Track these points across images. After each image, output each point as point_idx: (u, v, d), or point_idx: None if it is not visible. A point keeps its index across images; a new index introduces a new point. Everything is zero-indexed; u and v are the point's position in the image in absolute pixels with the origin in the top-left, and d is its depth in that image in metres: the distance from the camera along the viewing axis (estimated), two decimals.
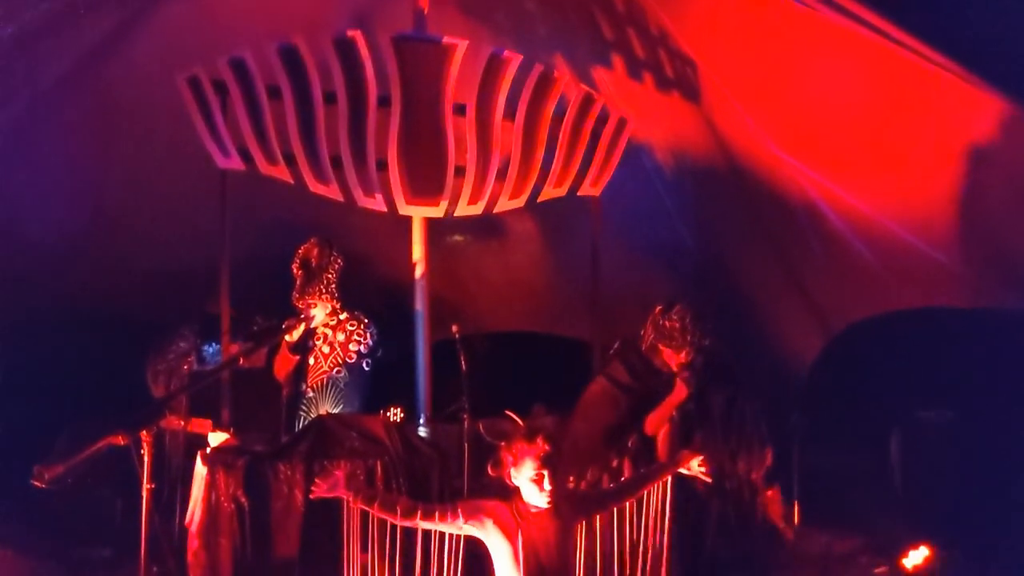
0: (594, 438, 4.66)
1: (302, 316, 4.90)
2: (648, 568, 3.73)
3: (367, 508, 3.00)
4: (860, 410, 5.80)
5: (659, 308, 4.67)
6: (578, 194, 5.49)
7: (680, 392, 4.58)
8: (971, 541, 4.63)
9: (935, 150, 4.78)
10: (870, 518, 5.12)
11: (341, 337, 5.01)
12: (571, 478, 4.39)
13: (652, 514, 3.62)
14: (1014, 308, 5.22)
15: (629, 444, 4.68)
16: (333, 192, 5.02)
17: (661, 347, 4.65)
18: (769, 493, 4.89)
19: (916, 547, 4.67)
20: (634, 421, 4.68)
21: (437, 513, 2.94)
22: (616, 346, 4.88)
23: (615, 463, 4.65)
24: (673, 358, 4.62)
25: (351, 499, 3.01)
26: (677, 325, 4.57)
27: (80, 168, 5.26)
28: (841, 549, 5.00)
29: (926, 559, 4.62)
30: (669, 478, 3.54)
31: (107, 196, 5.41)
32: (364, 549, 3.26)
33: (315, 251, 4.96)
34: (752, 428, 4.81)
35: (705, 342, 4.60)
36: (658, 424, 4.68)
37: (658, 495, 3.63)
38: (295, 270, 4.95)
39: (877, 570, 4.73)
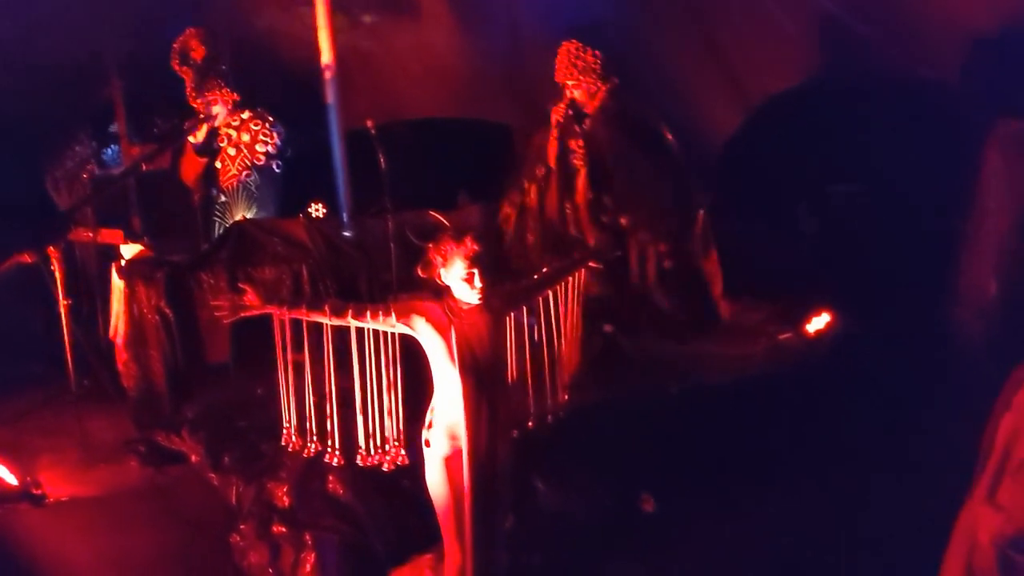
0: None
1: (202, 116, 4.63)
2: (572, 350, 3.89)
3: (296, 316, 2.99)
4: (773, 182, 5.93)
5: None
6: None
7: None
8: (871, 307, 4.95)
9: None
10: (779, 288, 5.39)
11: (246, 138, 4.76)
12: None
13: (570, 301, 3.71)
14: (925, 79, 5.29)
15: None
16: None
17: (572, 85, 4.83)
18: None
19: (818, 313, 5.00)
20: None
21: (368, 311, 2.93)
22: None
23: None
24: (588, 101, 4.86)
25: (277, 311, 2.96)
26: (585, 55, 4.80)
27: None
28: (750, 318, 5.29)
29: (827, 324, 4.97)
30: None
31: None
32: (297, 349, 3.28)
33: (192, 43, 4.58)
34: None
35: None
36: None
37: (573, 283, 3.72)
38: (176, 67, 4.58)
39: (782, 336, 5.02)
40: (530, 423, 3.60)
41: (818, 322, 4.96)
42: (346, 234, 4.78)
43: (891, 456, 3.99)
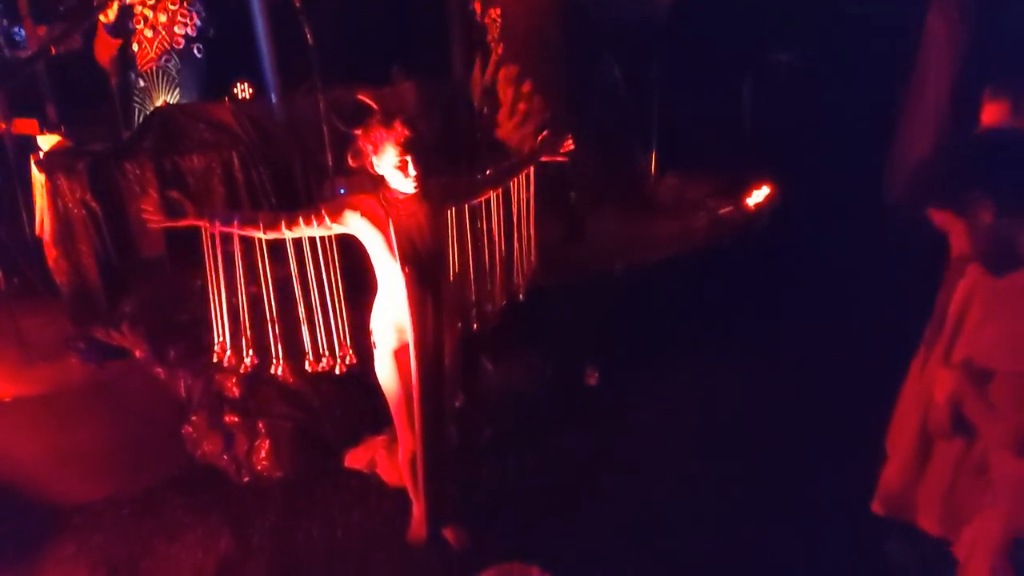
0: None
1: None
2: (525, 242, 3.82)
3: (227, 230, 2.79)
4: (716, 55, 5.80)
5: None
6: None
7: None
8: (810, 179, 4.99)
9: None
10: (720, 162, 5.38)
11: (163, 18, 4.45)
12: None
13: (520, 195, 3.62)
14: None
15: None
16: None
17: None
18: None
19: (758, 186, 5.02)
20: None
21: (301, 219, 2.78)
22: None
23: None
24: None
25: (207, 226, 2.77)
26: None
27: None
28: (692, 194, 5.30)
29: (766, 197, 5.00)
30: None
31: None
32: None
33: None
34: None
35: None
36: None
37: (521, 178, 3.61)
38: None
39: (722, 211, 5.06)
40: (476, 323, 3.57)
41: (758, 195, 4.99)
42: (275, 115, 4.56)
43: (830, 323, 4.10)
